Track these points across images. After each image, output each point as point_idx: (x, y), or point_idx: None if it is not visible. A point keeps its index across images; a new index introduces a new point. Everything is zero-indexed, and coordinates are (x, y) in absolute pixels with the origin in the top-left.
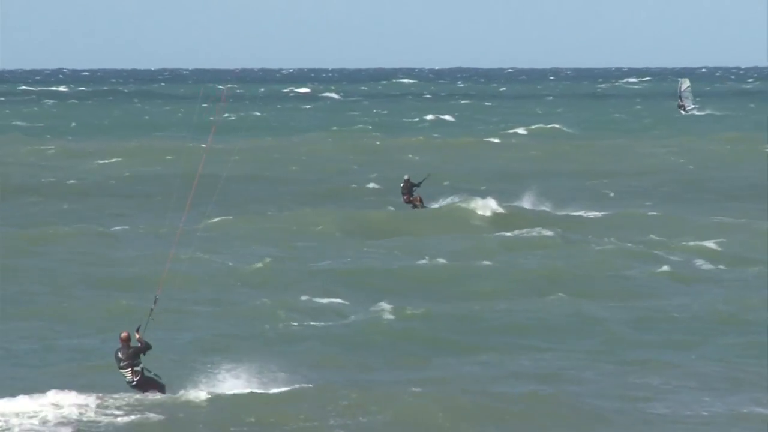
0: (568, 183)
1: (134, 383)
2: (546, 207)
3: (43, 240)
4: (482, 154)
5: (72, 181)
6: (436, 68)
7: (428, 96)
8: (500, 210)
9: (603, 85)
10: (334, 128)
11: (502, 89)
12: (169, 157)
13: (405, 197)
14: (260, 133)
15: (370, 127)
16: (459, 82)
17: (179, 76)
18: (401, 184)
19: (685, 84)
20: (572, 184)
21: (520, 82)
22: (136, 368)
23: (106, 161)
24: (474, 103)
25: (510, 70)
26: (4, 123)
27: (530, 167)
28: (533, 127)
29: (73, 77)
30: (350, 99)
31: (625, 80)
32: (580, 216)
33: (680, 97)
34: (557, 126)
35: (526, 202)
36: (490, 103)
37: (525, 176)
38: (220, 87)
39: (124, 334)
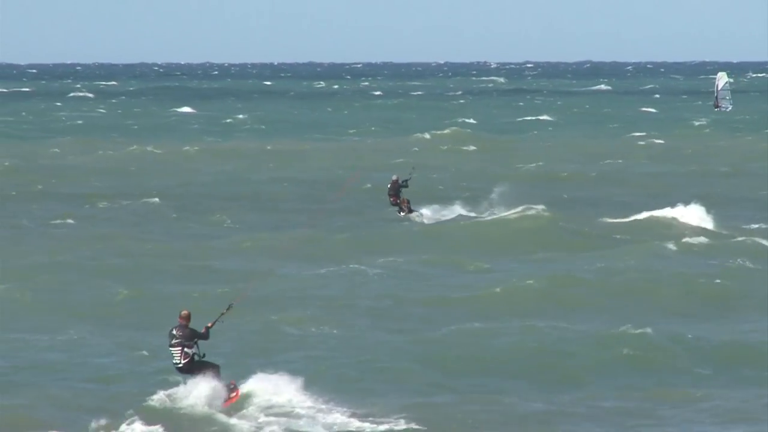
0: None
1: (180, 365)
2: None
3: None
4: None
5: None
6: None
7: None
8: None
9: None
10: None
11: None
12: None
13: (392, 199)
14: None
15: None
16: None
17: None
18: (388, 185)
19: (723, 80)
20: None
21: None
22: (186, 350)
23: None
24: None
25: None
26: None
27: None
28: None
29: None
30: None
31: None
32: None
33: (716, 98)
34: None
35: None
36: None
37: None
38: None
39: (184, 312)
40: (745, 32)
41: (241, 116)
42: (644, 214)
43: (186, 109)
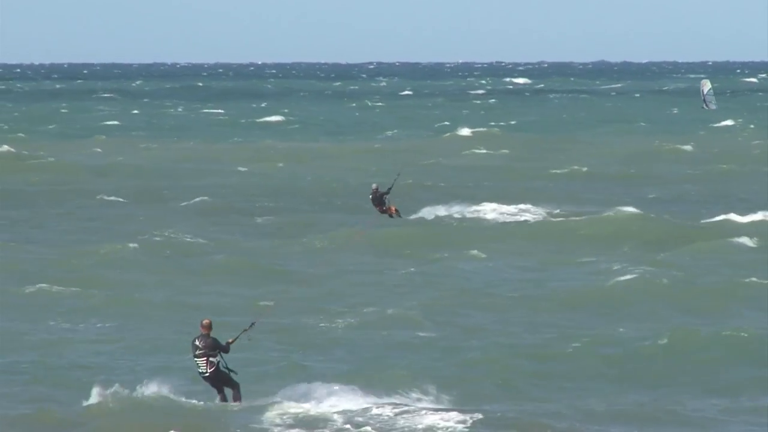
0: None
1: (207, 374)
2: None
3: None
4: None
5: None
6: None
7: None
8: None
9: None
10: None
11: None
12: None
13: (377, 208)
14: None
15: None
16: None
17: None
18: (369, 195)
19: (707, 87)
20: None
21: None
22: (211, 359)
23: None
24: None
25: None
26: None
27: None
28: None
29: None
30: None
31: None
32: None
33: (704, 101)
34: None
35: None
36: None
37: None
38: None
39: (206, 321)
40: (738, 32)
41: (276, 118)
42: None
43: (218, 110)
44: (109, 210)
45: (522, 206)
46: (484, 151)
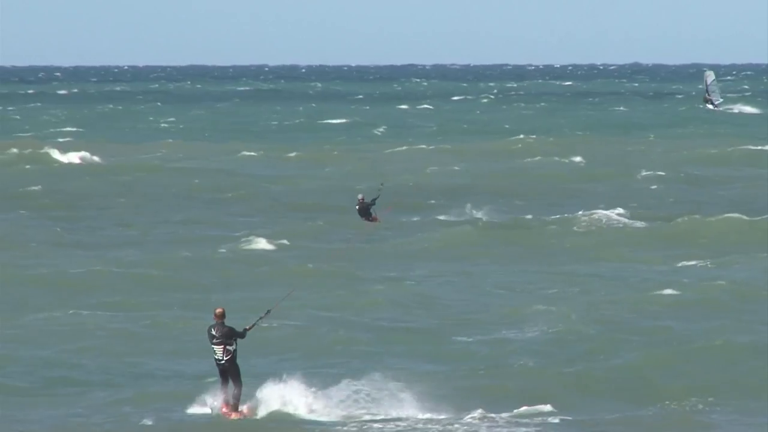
0: None
1: (223, 362)
2: None
3: None
4: None
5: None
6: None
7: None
8: None
9: None
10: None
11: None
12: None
13: (364, 219)
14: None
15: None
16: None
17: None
18: (356, 206)
19: (711, 77)
20: None
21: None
22: (228, 347)
23: None
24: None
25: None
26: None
27: None
28: None
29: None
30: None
31: None
32: None
33: (707, 92)
34: None
35: None
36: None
37: None
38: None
39: (218, 310)
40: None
41: (339, 120)
42: None
43: (276, 110)
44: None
45: (624, 210)
46: (556, 150)
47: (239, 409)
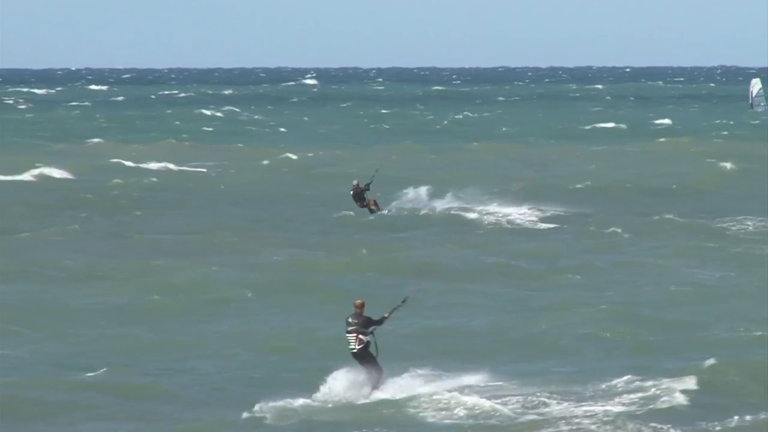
0: None
1: (355, 350)
2: None
3: None
4: None
5: None
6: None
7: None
8: None
9: None
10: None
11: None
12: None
13: (358, 203)
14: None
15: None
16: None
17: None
18: (351, 192)
19: (757, 87)
20: None
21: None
22: (361, 336)
23: None
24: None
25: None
26: None
27: None
28: None
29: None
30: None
31: None
32: None
33: (752, 105)
34: None
35: None
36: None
37: None
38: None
39: (358, 302)
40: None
41: (386, 124)
42: None
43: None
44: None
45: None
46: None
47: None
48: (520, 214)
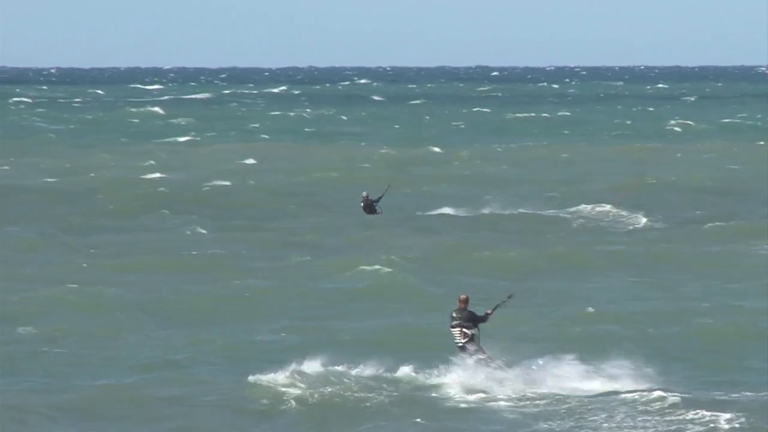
0: None
1: (460, 344)
2: None
3: None
4: None
5: None
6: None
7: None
8: None
9: None
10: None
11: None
12: None
13: (368, 214)
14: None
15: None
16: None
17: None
18: (361, 203)
19: None
20: None
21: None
22: (465, 330)
23: None
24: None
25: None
26: None
27: None
28: None
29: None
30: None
31: None
32: None
33: None
34: None
35: None
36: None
37: None
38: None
39: (463, 296)
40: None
41: (462, 124)
42: None
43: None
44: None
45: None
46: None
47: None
48: (642, 215)
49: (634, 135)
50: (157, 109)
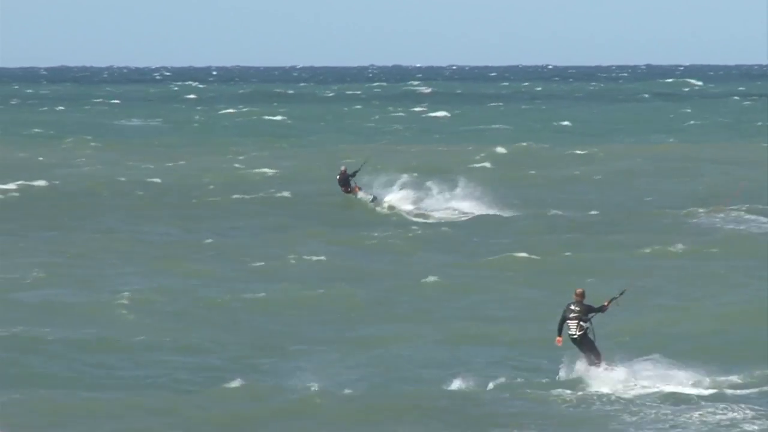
0: None
1: (575, 336)
2: None
3: None
4: None
5: None
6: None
7: None
8: None
9: None
10: None
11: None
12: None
13: (343, 188)
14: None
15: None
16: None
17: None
18: (337, 176)
19: None
20: None
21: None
22: (582, 323)
23: None
24: None
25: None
26: None
27: None
28: None
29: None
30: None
31: None
32: None
33: None
34: None
35: None
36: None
37: None
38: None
39: (579, 290)
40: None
41: (499, 125)
42: None
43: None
44: None
45: None
46: None
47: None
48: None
49: None
50: None
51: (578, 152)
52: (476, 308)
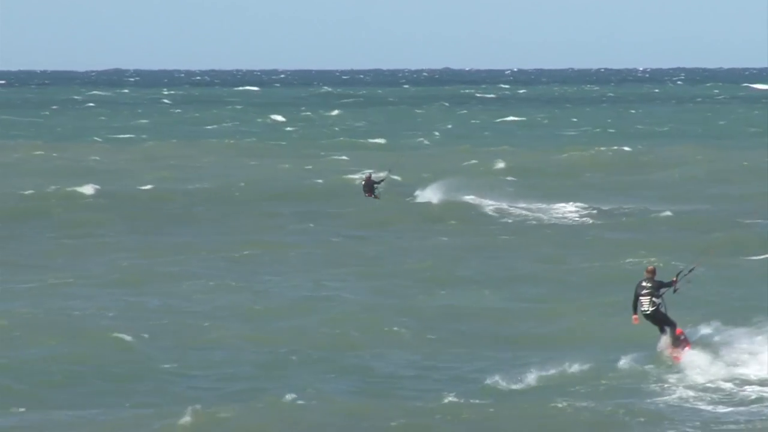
0: None
1: (648, 312)
2: None
3: None
4: None
5: None
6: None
7: None
8: None
9: None
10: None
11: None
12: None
13: (366, 194)
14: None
15: None
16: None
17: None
18: (362, 182)
19: None
20: None
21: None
22: (654, 299)
23: None
24: None
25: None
26: None
27: None
28: None
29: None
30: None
31: None
32: None
33: None
34: None
35: None
36: None
37: None
38: None
39: (650, 267)
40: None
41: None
42: None
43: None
44: None
45: None
46: None
47: (678, 353)
48: None
49: None
50: None
51: None
52: None
